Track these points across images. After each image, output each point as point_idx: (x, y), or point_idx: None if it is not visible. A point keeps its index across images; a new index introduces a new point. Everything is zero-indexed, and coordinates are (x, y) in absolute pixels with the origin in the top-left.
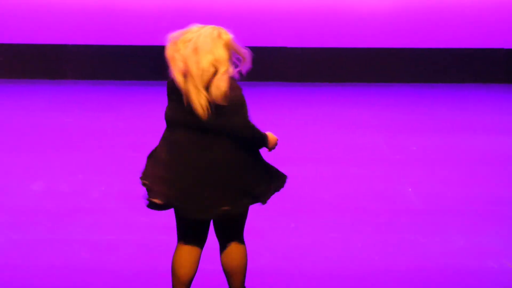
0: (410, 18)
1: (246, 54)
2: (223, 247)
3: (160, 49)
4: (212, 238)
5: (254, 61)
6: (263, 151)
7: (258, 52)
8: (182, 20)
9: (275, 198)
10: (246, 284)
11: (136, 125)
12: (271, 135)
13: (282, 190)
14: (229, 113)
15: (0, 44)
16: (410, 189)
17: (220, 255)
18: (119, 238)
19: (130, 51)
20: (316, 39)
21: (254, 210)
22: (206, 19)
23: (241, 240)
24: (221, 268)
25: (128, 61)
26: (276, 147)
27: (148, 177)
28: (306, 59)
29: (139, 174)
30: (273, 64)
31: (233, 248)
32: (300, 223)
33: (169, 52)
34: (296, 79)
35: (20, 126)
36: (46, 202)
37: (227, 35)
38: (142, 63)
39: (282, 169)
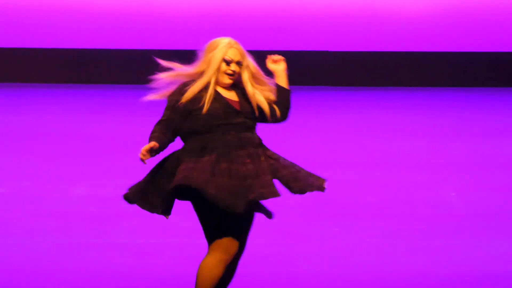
0: (459, 22)
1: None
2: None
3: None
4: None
5: (297, 65)
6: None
7: (301, 57)
8: (223, 25)
9: (319, 203)
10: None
11: None
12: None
13: (325, 194)
14: None
15: (41, 49)
16: (453, 194)
17: None
18: (162, 242)
19: (172, 55)
20: (359, 43)
21: (295, 214)
22: (244, 24)
23: (212, 246)
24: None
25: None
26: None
27: None
28: (349, 63)
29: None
30: (317, 68)
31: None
32: (343, 227)
33: None
34: (339, 83)
35: (62, 130)
36: (89, 206)
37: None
38: None
39: (324, 174)
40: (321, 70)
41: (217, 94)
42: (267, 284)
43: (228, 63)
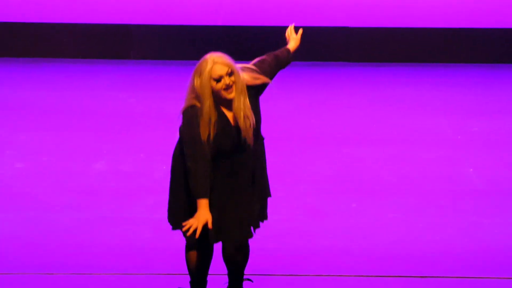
0: None
1: None
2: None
3: (225, 30)
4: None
5: (317, 41)
6: None
7: (321, 33)
8: (245, 0)
9: (336, 178)
10: (298, 264)
11: None
12: None
13: (343, 170)
14: None
15: (64, 24)
16: (471, 170)
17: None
18: None
19: (193, 31)
20: (377, 19)
21: (315, 191)
22: (260, 2)
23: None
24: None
25: (192, 41)
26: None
27: None
28: (368, 39)
29: None
30: (335, 44)
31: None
32: (361, 203)
33: None
34: (358, 59)
35: (83, 106)
36: (108, 181)
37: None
38: (206, 43)
39: (342, 150)
40: (339, 46)
41: (225, 121)
42: (285, 260)
43: (218, 80)
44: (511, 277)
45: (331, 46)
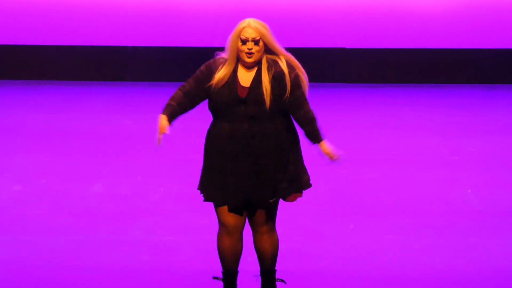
0: (470, 19)
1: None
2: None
3: (221, 51)
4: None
5: (314, 62)
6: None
7: (319, 54)
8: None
9: (334, 200)
10: (295, 287)
11: (195, 127)
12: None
13: (341, 190)
14: None
15: (60, 46)
16: (469, 191)
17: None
18: (178, 240)
19: (190, 53)
20: (374, 40)
21: (312, 211)
22: (267, 20)
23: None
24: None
25: (188, 63)
26: None
27: None
28: (365, 61)
29: (198, 176)
30: (333, 66)
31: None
32: (359, 224)
33: None
34: (355, 80)
35: (80, 128)
36: (106, 204)
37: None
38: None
39: (340, 171)
40: (336, 67)
41: (232, 78)
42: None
43: (244, 42)
44: None
45: (328, 67)
